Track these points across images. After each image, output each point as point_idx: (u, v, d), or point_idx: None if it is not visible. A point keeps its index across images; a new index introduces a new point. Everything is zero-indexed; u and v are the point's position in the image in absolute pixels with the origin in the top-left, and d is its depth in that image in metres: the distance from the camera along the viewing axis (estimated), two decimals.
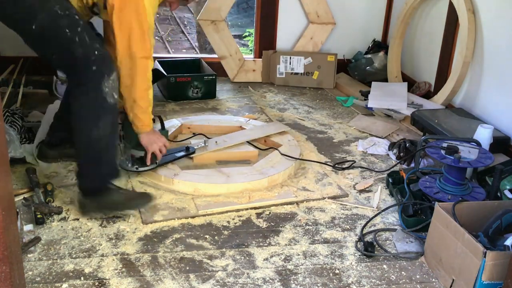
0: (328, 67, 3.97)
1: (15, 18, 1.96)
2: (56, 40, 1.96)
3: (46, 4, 1.93)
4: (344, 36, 4.17)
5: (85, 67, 1.95)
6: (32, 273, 1.82)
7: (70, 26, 1.93)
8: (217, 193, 2.36)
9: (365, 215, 2.31)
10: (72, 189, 2.34)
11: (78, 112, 2.03)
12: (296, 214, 2.28)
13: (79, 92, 2.01)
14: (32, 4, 1.92)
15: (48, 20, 1.93)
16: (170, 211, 2.22)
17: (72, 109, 2.05)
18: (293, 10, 4.04)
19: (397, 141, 2.91)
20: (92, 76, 1.95)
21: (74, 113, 2.05)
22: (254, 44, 4.22)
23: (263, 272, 1.91)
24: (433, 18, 3.63)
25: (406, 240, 2.13)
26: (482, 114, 3.05)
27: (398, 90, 3.59)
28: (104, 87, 1.97)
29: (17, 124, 2.66)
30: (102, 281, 1.81)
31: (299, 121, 3.34)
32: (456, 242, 1.82)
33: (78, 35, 1.93)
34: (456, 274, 1.83)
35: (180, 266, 1.91)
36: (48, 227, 2.08)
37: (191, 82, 3.47)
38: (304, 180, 2.55)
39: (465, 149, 2.25)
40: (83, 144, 2.07)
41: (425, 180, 2.32)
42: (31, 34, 1.96)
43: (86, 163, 2.11)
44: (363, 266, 1.97)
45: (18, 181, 2.38)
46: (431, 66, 3.62)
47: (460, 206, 1.95)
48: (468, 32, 3.09)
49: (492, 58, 3.00)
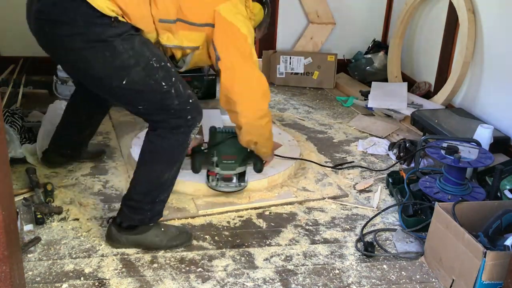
0: (328, 67, 3.97)
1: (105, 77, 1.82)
2: (150, 94, 1.83)
3: (142, 58, 1.80)
4: (344, 36, 4.17)
5: (181, 116, 1.87)
6: (32, 273, 1.82)
7: (166, 78, 1.83)
8: (217, 193, 2.36)
9: (365, 215, 2.31)
10: (72, 189, 2.34)
11: (158, 152, 1.91)
12: (296, 214, 2.28)
13: (171, 136, 1.90)
14: (127, 59, 1.78)
15: (143, 74, 1.80)
16: (170, 211, 2.22)
17: (149, 145, 1.92)
18: (293, 10, 4.04)
19: (397, 141, 2.91)
20: (186, 124, 1.89)
21: (152, 150, 1.91)
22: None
23: (263, 272, 1.91)
24: (433, 18, 3.63)
25: (406, 240, 2.13)
26: (482, 114, 3.05)
27: (398, 90, 3.59)
28: (193, 133, 1.93)
29: (17, 124, 2.66)
30: (102, 281, 1.81)
31: (299, 121, 3.34)
32: (456, 242, 1.82)
33: (174, 86, 1.84)
34: (456, 274, 1.83)
35: (180, 266, 1.91)
36: (48, 227, 2.08)
37: (191, 82, 3.47)
38: (304, 180, 2.55)
39: (465, 149, 2.25)
40: (148, 184, 1.93)
41: (425, 180, 2.32)
42: (119, 89, 1.82)
43: (141, 201, 1.93)
44: (363, 266, 1.97)
45: (18, 181, 2.38)
46: (431, 66, 3.62)
47: (460, 206, 1.94)
48: (468, 32, 3.09)
49: (492, 58, 3.00)
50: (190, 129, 1.91)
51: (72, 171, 2.50)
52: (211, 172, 2.30)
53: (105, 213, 2.19)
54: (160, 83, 1.82)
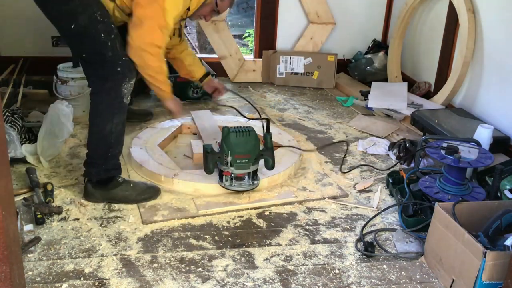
0: (328, 67, 3.97)
1: (58, 16, 2.15)
2: (91, 41, 2.13)
3: (88, 9, 2.11)
4: (344, 36, 4.17)
5: (112, 67, 2.14)
6: (32, 273, 1.82)
7: (106, 31, 2.13)
8: (217, 193, 2.36)
9: (365, 215, 2.31)
10: (72, 189, 2.34)
11: (97, 106, 2.20)
12: (296, 214, 2.28)
13: (101, 89, 2.17)
14: (76, 7, 2.09)
15: (88, 23, 2.11)
16: (170, 211, 2.22)
17: (91, 104, 2.21)
18: (293, 10, 4.05)
19: (397, 141, 2.91)
20: (116, 76, 2.15)
21: (92, 107, 2.21)
22: (254, 44, 4.22)
23: (263, 272, 1.91)
24: (433, 18, 3.64)
25: (406, 240, 2.13)
26: (482, 114, 3.05)
27: (398, 90, 3.59)
28: (124, 88, 2.16)
29: (17, 124, 2.66)
30: (102, 281, 1.81)
31: (299, 121, 3.34)
32: (456, 242, 1.82)
33: (111, 41, 2.13)
34: (456, 274, 1.83)
35: (180, 266, 1.91)
36: (48, 227, 2.08)
37: (191, 82, 3.47)
38: (304, 180, 2.55)
39: (465, 149, 2.25)
40: (95, 137, 2.22)
41: (425, 180, 2.32)
42: (70, 33, 2.14)
43: (95, 155, 2.23)
44: (363, 266, 1.97)
45: (18, 181, 2.38)
46: (431, 66, 3.62)
47: (460, 206, 1.94)
48: (468, 32, 3.09)
49: (492, 58, 3.00)
50: (119, 83, 2.14)
51: (72, 171, 2.50)
52: (226, 172, 2.32)
53: (105, 213, 2.19)
54: (100, 34, 2.11)
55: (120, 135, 2.24)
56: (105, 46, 2.13)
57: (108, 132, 2.19)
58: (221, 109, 3.43)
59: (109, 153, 2.23)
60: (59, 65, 3.20)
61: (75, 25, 2.10)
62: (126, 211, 2.21)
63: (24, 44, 3.78)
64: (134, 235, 2.07)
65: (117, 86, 2.15)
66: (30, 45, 3.80)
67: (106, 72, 2.15)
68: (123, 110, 2.22)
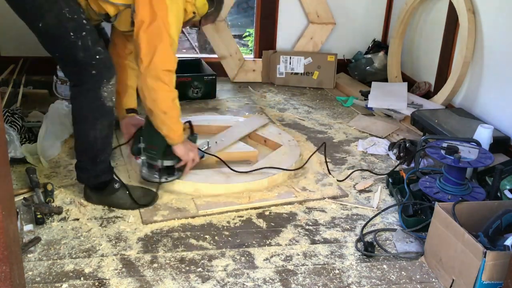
0: (328, 67, 3.97)
1: (26, 14, 2.01)
2: (60, 42, 2.00)
3: (55, 6, 1.95)
4: (344, 36, 4.17)
5: (85, 70, 2.00)
6: (32, 273, 1.82)
7: (76, 30, 1.97)
8: (217, 193, 2.36)
9: (365, 215, 2.31)
10: (72, 189, 2.34)
11: (76, 113, 2.10)
12: (296, 214, 2.28)
13: (78, 94, 2.06)
14: (42, 4, 1.95)
15: (55, 21, 1.96)
16: (170, 211, 2.22)
17: (72, 109, 2.12)
18: (293, 10, 4.04)
19: (397, 141, 2.91)
20: (92, 79, 2.00)
21: (73, 114, 2.11)
22: (254, 44, 4.22)
23: (263, 272, 1.91)
24: (433, 18, 3.63)
25: (406, 240, 2.13)
26: (482, 114, 3.05)
27: (398, 90, 3.59)
28: (103, 91, 2.02)
29: (17, 124, 2.66)
30: (102, 281, 1.81)
31: (299, 121, 3.34)
32: (456, 242, 1.82)
33: (82, 39, 1.97)
34: (456, 274, 1.83)
35: (180, 266, 1.91)
36: (48, 227, 2.08)
37: (191, 82, 3.47)
38: (304, 180, 2.55)
39: (465, 149, 2.25)
40: (80, 144, 2.15)
41: (425, 180, 2.32)
42: (38, 31, 2.01)
43: (83, 161, 2.17)
44: (363, 266, 1.97)
45: (18, 181, 2.38)
46: (431, 66, 3.62)
47: (460, 206, 1.95)
48: (468, 32, 3.09)
49: (492, 58, 3.00)
50: (97, 86, 2.00)
51: (72, 171, 2.50)
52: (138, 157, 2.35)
53: (105, 213, 2.19)
54: (69, 33, 1.96)
55: (106, 140, 2.12)
56: (75, 46, 1.97)
57: (92, 139, 2.08)
58: (220, 109, 3.43)
59: (97, 159, 2.13)
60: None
61: (43, 24, 1.96)
62: (126, 211, 2.21)
63: (24, 44, 3.76)
64: (134, 235, 2.07)
65: (94, 89, 2.00)
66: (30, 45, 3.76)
67: (80, 74, 2.00)
68: (107, 114, 2.07)
